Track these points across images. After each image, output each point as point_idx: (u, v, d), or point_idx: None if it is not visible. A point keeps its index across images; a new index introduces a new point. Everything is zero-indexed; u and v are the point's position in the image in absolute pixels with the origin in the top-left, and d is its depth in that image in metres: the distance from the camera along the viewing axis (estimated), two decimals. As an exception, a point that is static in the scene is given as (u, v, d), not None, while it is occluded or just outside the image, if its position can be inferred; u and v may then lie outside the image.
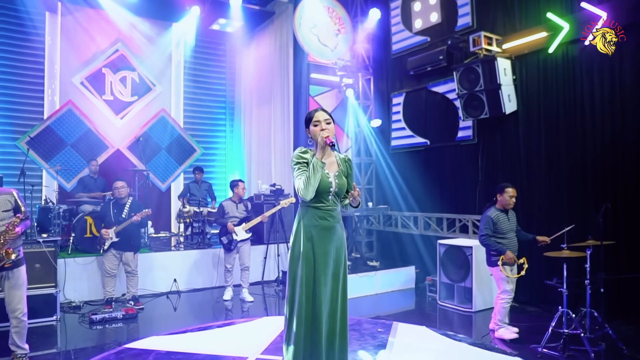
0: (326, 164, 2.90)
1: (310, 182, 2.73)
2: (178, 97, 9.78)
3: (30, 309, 5.20)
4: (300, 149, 2.94)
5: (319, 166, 2.77)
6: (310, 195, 2.76)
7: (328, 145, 2.78)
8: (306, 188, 2.74)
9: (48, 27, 8.36)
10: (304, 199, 2.82)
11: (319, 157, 2.79)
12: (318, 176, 2.76)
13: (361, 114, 8.34)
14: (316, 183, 2.76)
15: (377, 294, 6.70)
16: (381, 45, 8.21)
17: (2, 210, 3.70)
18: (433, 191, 7.19)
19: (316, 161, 2.76)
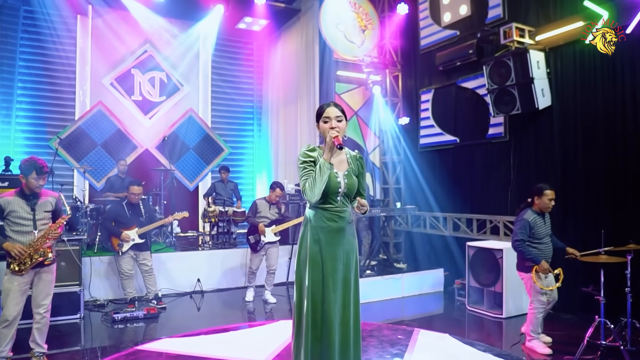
0: (334, 163, 2.74)
1: (317, 183, 2.58)
2: (206, 97, 9.82)
3: (55, 306, 5.28)
4: (307, 147, 2.79)
5: (327, 167, 2.60)
6: (316, 198, 2.62)
7: (336, 147, 2.62)
8: (312, 190, 2.59)
9: (79, 30, 8.53)
10: (310, 201, 2.68)
11: (326, 157, 2.62)
12: (325, 177, 2.60)
13: (389, 112, 8.12)
14: (323, 185, 2.60)
15: (403, 297, 6.48)
16: (409, 41, 7.97)
17: (44, 211, 3.84)
18: (463, 191, 6.91)
19: (323, 162, 2.60)
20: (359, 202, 2.66)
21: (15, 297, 3.72)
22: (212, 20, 8.72)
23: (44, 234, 3.78)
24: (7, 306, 3.71)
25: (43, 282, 3.87)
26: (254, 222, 6.15)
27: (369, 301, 6.19)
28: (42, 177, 3.76)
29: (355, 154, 2.90)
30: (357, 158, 2.89)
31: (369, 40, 8.06)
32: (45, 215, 3.84)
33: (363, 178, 2.91)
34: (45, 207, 3.84)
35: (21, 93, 8.10)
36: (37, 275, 3.85)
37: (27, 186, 3.75)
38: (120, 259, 5.75)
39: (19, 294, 3.73)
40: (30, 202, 3.77)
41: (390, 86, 8.14)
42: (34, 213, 3.78)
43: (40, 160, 3.78)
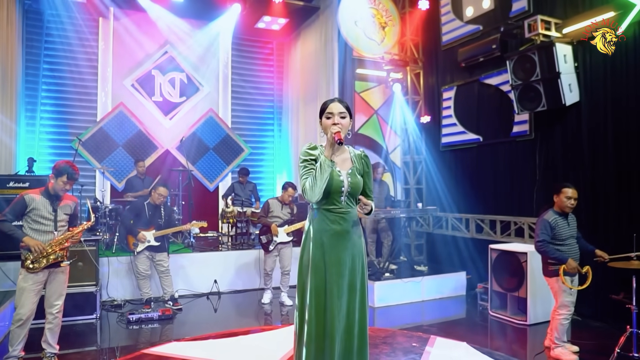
0: (337, 161, 2.60)
1: (317, 182, 2.44)
2: (226, 97, 9.79)
3: (72, 306, 5.37)
4: (308, 145, 2.66)
5: (327, 165, 2.46)
6: (316, 197, 2.48)
7: (336, 143, 2.48)
8: (312, 189, 2.45)
9: (101, 33, 8.63)
10: (311, 201, 2.55)
11: (327, 154, 2.49)
12: (326, 176, 2.46)
13: (410, 110, 7.92)
14: (323, 184, 2.46)
15: (423, 301, 6.29)
16: (430, 37, 7.75)
17: (64, 213, 3.90)
18: (486, 191, 6.65)
19: (324, 159, 2.46)
20: (361, 200, 2.52)
21: (29, 297, 3.72)
22: (231, 20, 8.70)
23: (64, 236, 3.84)
24: (21, 305, 3.72)
25: (56, 283, 3.89)
26: (266, 222, 6.08)
27: (387, 305, 6.03)
28: (70, 182, 3.83)
29: (359, 152, 2.76)
30: (362, 157, 2.74)
31: (389, 37, 7.87)
32: (64, 218, 3.90)
33: (369, 178, 2.76)
34: (65, 210, 3.91)
35: (45, 95, 8.23)
36: (51, 275, 3.87)
37: (54, 187, 3.81)
38: (136, 259, 5.76)
39: (32, 293, 3.74)
40: (54, 203, 3.83)
41: (411, 84, 7.92)
42: (56, 214, 3.83)
43: (75, 167, 3.87)
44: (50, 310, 3.89)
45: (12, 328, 3.75)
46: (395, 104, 7.91)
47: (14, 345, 3.75)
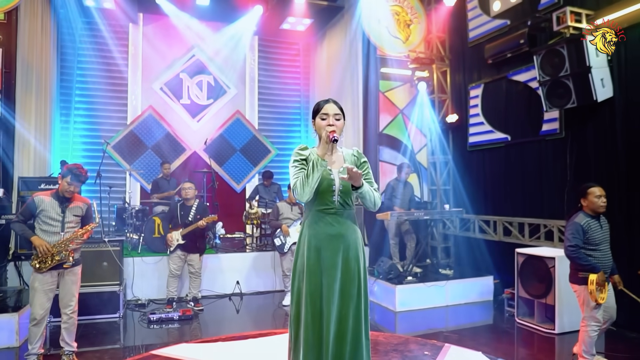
0: (328, 161, 2.52)
1: (308, 181, 2.37)
2: (252, 99, 9.84)
3: (95, 305, 5.52)
4: (299, 146, 2.60)
5: (320, 164, 2.39)
6: (306, 197, 2.41)
7: (331, 142, 2.40)
8: (302, 188, 2.38)
9: (131, 38, 8.84)
10: (301, 201, 2.48)
11: (320, 153, 2.42)
12: (317, 175, 2.39)
13: (436, 109, 7.70)
14: (314, 183, 2.39)
15: (447, 306, 6.08)
16: (457, 33, 7.51)
17: (73, 215, 3.94)
18: (514, 193, 6.37)
19: (317, 158, 2.40)
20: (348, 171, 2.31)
21: (41, 297, 3.81)
22: (256, 22, 8.73)
23: (69, 237, 3.87)
24: (33, 305, 3.81)
25: (67, 284, 3.94)
26: (276, 225, 6.12)
27: (409, 309, 5.87)
28: (75, 184, 3.86)
29: (353, 151, 2.68)
30: (354, 155, 2.66)
31: (414, 34, 7.69)
32: (74, 219, 3.93)
33: (365, 168, 2.64)
34: (75, 212, 3.94)
35: (79, 100, 8.50)
36: (61, 276, 3.93)
37: (60, 188, 3.87)
38: (169, 257, 5.86)
39: (43, 293, 3.81)
40: (62, 205, 3.88)
41: (438, 82, 7.70)
42: (64, 215, 3.88)
43: (81, 169, 3.90)
44: (65, 310, 3.97)
45: (29, 327, 3.85)
46: (421, 103, 7.71)
47: (33, 344, 3.85)
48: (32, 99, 6.59)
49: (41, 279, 3.80)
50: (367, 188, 2.48)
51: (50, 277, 3.85)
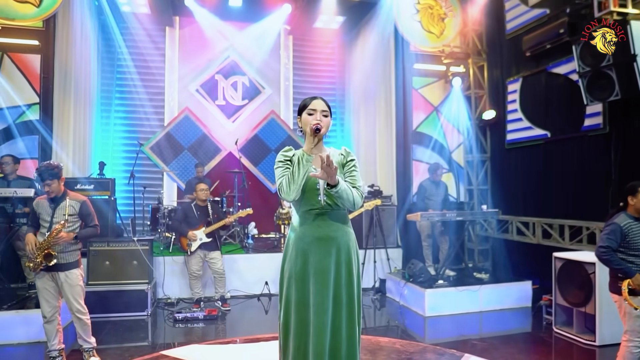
0: (314, 159, 2.39)
1: (294, 178, 2.25)
2: (287, 98, 9.82)
3: (125, 303, 5.63)
4: (284, 148, 2.50)
5: (306, 159, 2.27)
6: (293, 195, 2.29)
7: (314, 132, 2.28)
8: (288, 186, 2.27)
9: (167, 41, 9.03)
10: (288, 200, 2.36)
11: (306, 148, 2.30)
12: (303, 171, 2.26)
13: (472, 106, 7.37)
14: (301, 179, 2.26)
15: (481, 311, 5.79)
16: (494, 26, 7.15)
17: (62, 214, 3.86)
18: (554, 192, 5.97)
19: (302, 153, 2.28)
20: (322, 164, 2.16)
21: (44, 297, 3.86)
22: (289, 22, 8.71)
23: (47, 237, 3.75)
24: (41, 304, 3.89)
25: (65, 287, 3.88)
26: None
27: (439, 315, 5.63)
28: (48, 182, 3.77)
29: (340, 150, 2.54)
30: (342, 153, 2.53)
31: (449, 28, 7.40)
32: (67, 218, 3.84)
33: (351, 167, 2.50)
34: (64, 210, 3.85)
35: (118, 103, 8.78)
36: (58, 279, 3.87)
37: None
38: (190, 258, 5.89)
39: (45, 292, 3.85)
40: (52, 205, 3.86)
41: (474, 77, 7.37)
42: (52, 215, 3.84)
43: (48, 165, 3.80)
44: (72, 312, 3.96)
45: (43, 325, 3.93)
46: (456, 99, 7.40)
47: (50, 341, 3.94)
48: (70, 102, 6.84)
49: (41, 279, 3.84)
50: (343, 186, 2.30)
51: (49, 278, 3.86)
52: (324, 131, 2.39)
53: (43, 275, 3.84)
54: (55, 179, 3.80)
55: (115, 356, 4.29)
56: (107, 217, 6.46)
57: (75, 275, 3.94)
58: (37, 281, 3.87)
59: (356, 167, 2.53)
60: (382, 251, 6.91)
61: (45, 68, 6.27)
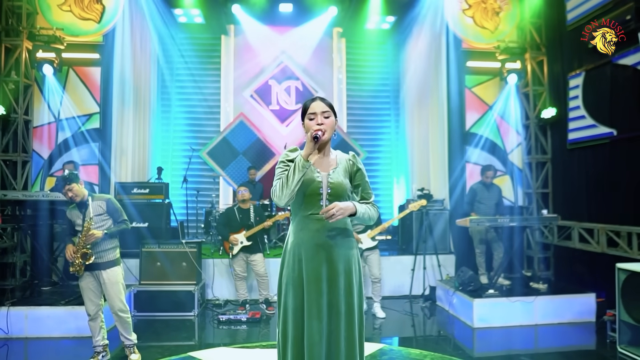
0: (318, 163, 2.34)
1: (288, 182, 2.17)
2: (341, 101, 9.78)
3: (173, 302, 5.83)
4: (289, 148, 2.42)
5: (302, 164, 2.18)
6: (285, 200, 2.21)
7: (313, 140, 2.19)
8: (281, 190, 2.20)
9: (223, 49, 9.33)
10: (278, 204, 2.28)
11: (305, 154, 2.19)
12: (298, 177, 2.18)
13: (531, 104, 6.91)
14: (294, 185, 2.18)
15: (536, 325, 5.37)
16: (554, 17, 6.65)
17: (94, 215, 4.02)
18: (621, 196, 5.42)
19: (300, 159, 2.19)
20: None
21: (86, 295, 4.05)
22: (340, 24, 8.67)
23: (80, 238, 3.95)
24: (85, 303, 4.09)
25: (105, 285, 4.04)
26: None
27: (488, 326, 5.29)
28: (67, 188, 3.92)
29: (348, 156, 2.43)
30: (349, 158, 2.43)
31: (504, 23, 6.99)
32: (96, 219, 4.00)
33: (363, 176, 2.43)
34: (95, 212, 4.02)
35: (177, 110, 9.19)
36: (100, 278, 4.04)
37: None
38: (233, 261, 6.00)
39: (87, 291, 4.04)
40: (82, 210, 4.02)
41: (533, 74, 6.89)
42: (83, 218, 4.00)
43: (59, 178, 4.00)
44: (112, 310, 4.11)
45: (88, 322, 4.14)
46: (513, 97, 6.97)
47: (95, 337, 4.14)
48: (129, 111, 7.23)
49: (84, 279, 4.03)
50: (361, 210, 2.26)
51: (91, 277, 4.04)
52: (327, 136, 2.31)
53: (86, 275, 4.03)
54: (73, 183, 3.96)
55: (155, 354, 4.43)
56: (161, 220, 6.76)
57: (116, 273, 4.10)
58: (81, 282, 4.07)
59: (365, 175, 2.46)
60: (433, 257, 6.64)
61: (104, 79, 6.67)
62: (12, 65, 6.21)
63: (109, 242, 4.06)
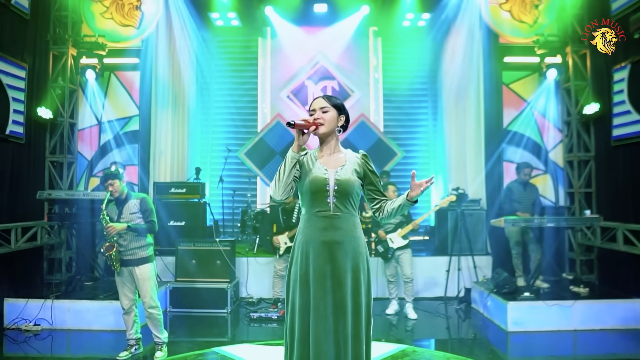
0: (326, 161, 2.40)
1: (280, 175, 2.24)
2: (377, 101, 9.69)
3: (207, 300, 5.98)
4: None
5: (291, 157, 2.26)
6: (279, 193, 2.27)
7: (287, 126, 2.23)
8: (275, 184, 2.27)
9: (260, 51, 9.44)
10: (274, 199, 2.34)
11: (294, 146, 2.27)
12: (288, 169, 2.24)
13: (572, 99, 6.61)
14: (286, 177, 2.24)
15: (575, 330, 5.13)
16: (597, 7, 6.32)
17: (129, 213, 4.19)
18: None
19: (289, 152, 2.26)
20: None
21: (121, 290, 4.25)
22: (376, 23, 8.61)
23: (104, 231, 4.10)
24: (119, 297, 4.29)
25: (138, 281, 4.20)
26: (376, 231, 5.85)
27: (523, 330, 5.12)
28: (109, 183, 4.13)
29: (359, 155, 2.45)
30: (360, 156, 2.45)
31: (543, 15, 6.73)
32: (131, 217, 4.16)
33: (375, 175, 2.45)
34: (129, 210, 4.20)
35: (216, 112, 9.41)
36: (134, 274, 4.20)
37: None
38: (277, 261, 6.07)
39: (122, 286, 4.24)
40: (119, 207, 4.22)
41: (574, 67, 6.58)
42: (119, 215, 4.18)
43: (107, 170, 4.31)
44: (144, 306, 4.26)
45: (122, 315, 4.33)
46: (553, 93, 6.70)
47: (128, 330, 4.33)
48: (168, 113, 7.48)
49: (120, 275, 4.22)
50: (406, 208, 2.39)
51: (126, 273, 4.21)
52: (324, 129, 2.41)
53: (122, 271, 4.21)
54: (116, 179, 4.17)
55: (185, 348, 4.57)
56: (197, 219, 6.94)
57: (147, 269, 4.24)
58: (117, 277, 4.26)
59: (377, 175, 2.48)
60: (469, 258, 6.48)
61: (143, 83, 6.93)
62: (59, 72, 6.56)
63: (141, 239, 4.20)
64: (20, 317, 5.13)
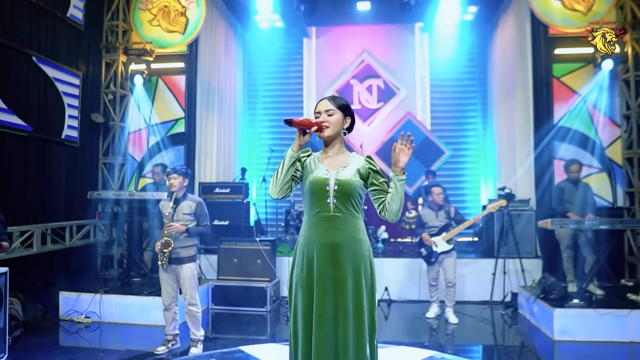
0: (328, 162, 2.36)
1: (277, 174, 2.24)
2: (424, 99, 9.49)
3: (248, 298, 6.10)
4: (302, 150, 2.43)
5: (290, 155, 2.24)
6: (276, 191, 2.27)
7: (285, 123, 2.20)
8: (273, 182, 2.27)
9: (305, 51, 9.54)
10: (272, 197, 2.33)
11: (293, 145, 2.25)
12: (286, 167, 2.23)
13: (632, 91, 6.12)
14: (283, 175, 2.23)
15: (632, 342, 4.75)
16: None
17: (182, 213, 4.32)
18: None
19: (290, 152, 2.23)
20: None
21: (163, 287, 4.38)
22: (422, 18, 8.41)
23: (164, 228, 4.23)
24: (162, 294, 4.43)
25: (181, 279, 4.33)
26: (418, 233, 5.72)
27: (571, 340, 4.81)
28: (167, 177, 4.27)
29: (364, 157, 2.42)
30: (365, 158, 2.40)
31: (600, 2, 6.28)
32: (183, 217, 4.28)
33: (378, 177, 2.36)
34: (183, 210, 4.31)
35: (262, 113, 9.58)
36: (177, 272, 4.33)
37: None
38: None
39: (164, 283, 4.36)
40: (174, 205, 4.31)
41: (634, 57, 6.09)
42: (174, 213, 4.28)
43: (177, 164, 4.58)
44: (185, 304, 4.38)
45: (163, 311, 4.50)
46: (609, 85, 6.23)
47: (167, 326, 4.48)
48: (214, 115, 7.69)
49: (163, 273, 4.34)
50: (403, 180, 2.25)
51: (170, 271, 4.34)
52: (329, 132, 2.36)
53: (167, 269, 4.35)
54: (180, 175, 4.27)
55: (220, 345, 4.67)
56: (240, 218, 7.09)
57: (190, 268, 4.36)
58: (161, 274, 4.39)
59: (381, 175, 2.39)
60: (517, 261, 6.19)
61: (189, 86, 7.18)
62: (111, 78, 6.93)
63: (188, 240, 4.33)
64: (73, 310, 5.46)
